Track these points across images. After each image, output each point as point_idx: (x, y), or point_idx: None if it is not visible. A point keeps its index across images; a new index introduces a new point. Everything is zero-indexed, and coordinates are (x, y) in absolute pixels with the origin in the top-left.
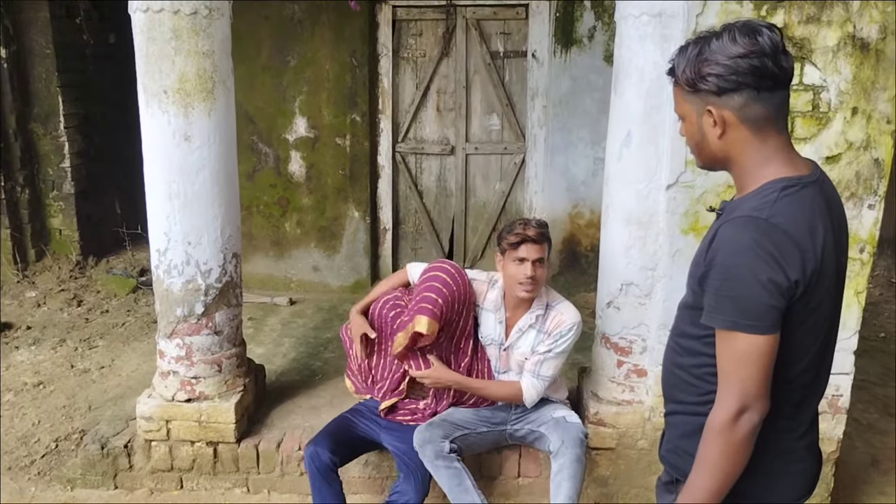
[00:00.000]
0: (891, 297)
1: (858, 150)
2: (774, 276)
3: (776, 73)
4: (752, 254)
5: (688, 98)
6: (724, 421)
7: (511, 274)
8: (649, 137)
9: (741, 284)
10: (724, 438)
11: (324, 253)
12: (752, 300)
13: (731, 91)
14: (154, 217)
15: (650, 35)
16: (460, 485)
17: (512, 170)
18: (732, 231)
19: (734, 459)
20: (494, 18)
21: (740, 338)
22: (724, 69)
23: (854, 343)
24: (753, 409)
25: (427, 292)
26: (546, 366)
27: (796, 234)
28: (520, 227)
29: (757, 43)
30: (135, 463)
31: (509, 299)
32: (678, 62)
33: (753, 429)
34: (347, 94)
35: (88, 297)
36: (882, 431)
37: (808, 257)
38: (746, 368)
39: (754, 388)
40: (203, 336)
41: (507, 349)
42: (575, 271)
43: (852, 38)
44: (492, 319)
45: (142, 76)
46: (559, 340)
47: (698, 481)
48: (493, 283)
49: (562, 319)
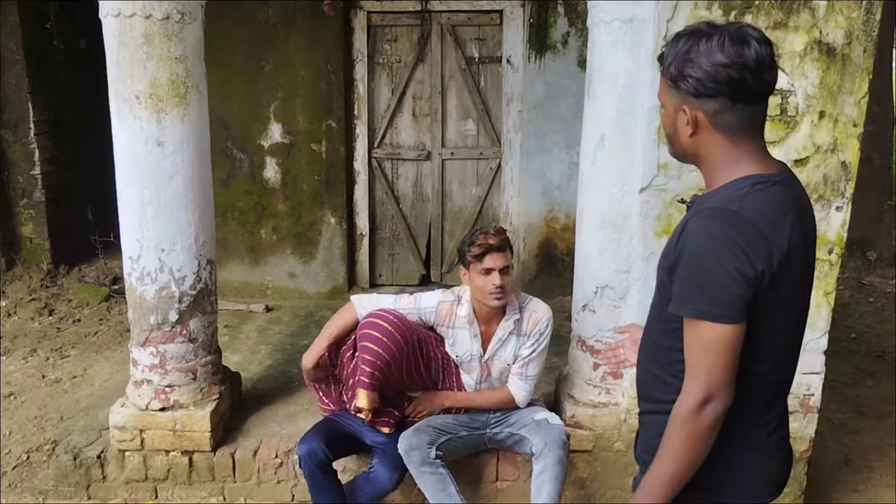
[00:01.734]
0: (861, 299)
1: (826, 153)
2: (741, 266)
3: (755, 88)
4: (720, 244)
5: (669, 91)
6: (688, 409)
7: (479, 286)
8: (622, 141)
9: (708, 274)
10: (689, 427)
11: (300, 259)
12: (719, 289)
13: (708, 96)
14: (126, 224)
15: (622, 40)
16: (444, 490)
17: (488, 175)
18: (702, 222)
19: (697, 447)
20: (469, 24)
21: (706, 326)
22: (705, 74)
23: (824, 343)
24: (718, 398)
25: (363, 363)
26: (532, 366)
27: (763, 226)
28: (480, 237)
29: (742, 55)
30: (108, 473)
31: (480, 311)
32: (668, 52)
33: (718, 418)
34: (323, 100)
35: (60, 307)
36: (854, 430)
37: (775, 249)
38: (712, 357)
39: (719, 378)
40: (177, 344)
41: (487, 360)
42: (551, 275)
43: (819, 43)
44: (466, 336)
45: (113, 81)
46: (539, 338)
47: (661, 467)
48: (460, 300)
49: (538, 317)
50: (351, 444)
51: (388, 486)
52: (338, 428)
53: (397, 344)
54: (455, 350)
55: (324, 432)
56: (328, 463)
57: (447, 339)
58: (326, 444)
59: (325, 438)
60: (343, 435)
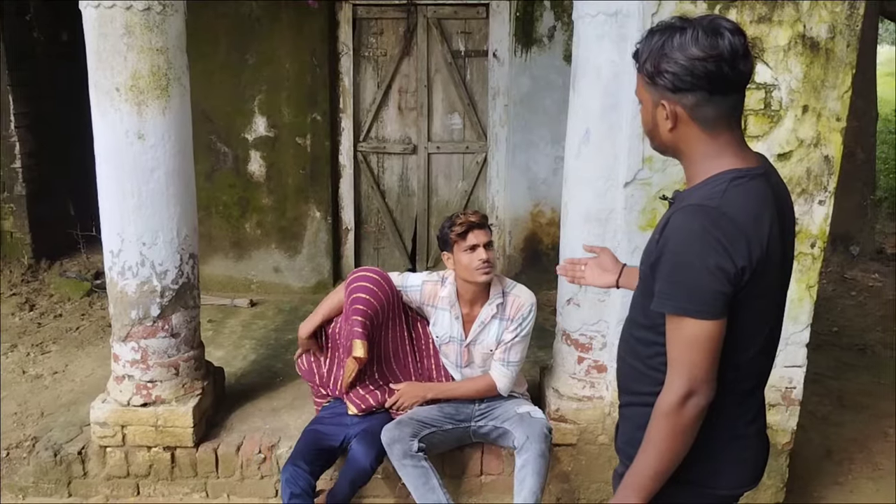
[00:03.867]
0: (843, 293)
1: (809, 147)
2: (722, 262)
3: (731, 79)
4: (701, 241)
5: (646, 87)
6: (671, 404)
7: (466, 264)
8: (607, 135)
9: (690, 271)
10: (671, 421)
11: (285, 254)
12: (701, 286)
13: (685, 90)
14: (107, 217)
15: (607, 34)
16: (427, 483)
17: (474, 169)
18: (683, 219)
19: (679, 442)
20: (455, 18)
21: (689, 323)
22: (681, 69)
23: (806, 336)
24: (700, 393)
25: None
26: (514, 351)
27: (743, 222)
28: (461, 217)
29: (717, 47)
30: (89, 470)
31: (464, 294)
32: (642, 49)
33: (699, 413)
34: (307, 93)
35: (41, 302)
36: (836, 423)
37: (755, 245)
38: (694, 353)
39: (702, 373)
40: (159, 339)
41: (468, 345)
42: (537, 269)
43: (802, 37)
44: (447, 317)
45: (93, 73)
46: (523, 323)
47: (644, 462)
48: (444, 281)
49: (521, 302)
50: (334, 456)
51: (365, 463)
52: (322, 443)
53: (385, 293)
54: (436, 330)
55: (309, 455)
56: (310, 493)
57: (430, 318)
58: (313, 471)
59: (310, 464)
60: (327, 451)
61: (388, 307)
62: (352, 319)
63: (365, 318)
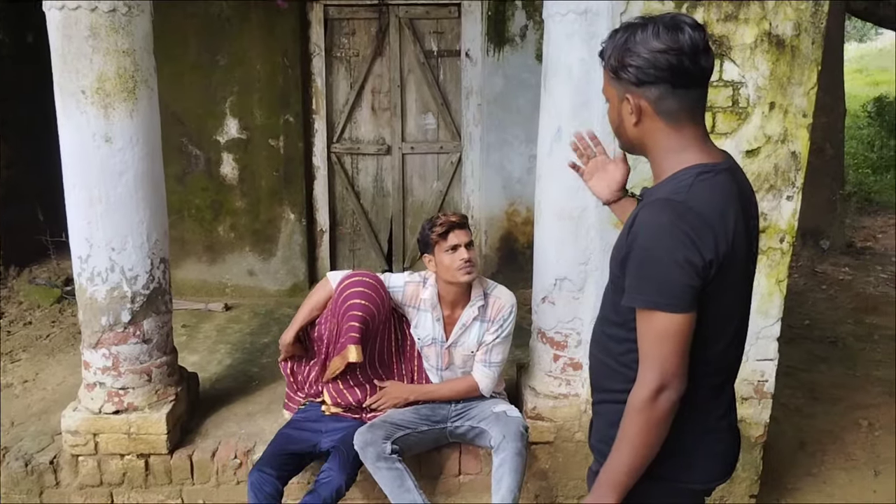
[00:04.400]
0: (814, 286)
1: (776, 143)
2: (690, 256)
3: (692, 72)
4: (669, 235)
5: (612, 83)
6: (643, 399)
7: (447, 265)
8: None
9: (659, 265)
10: (644, 416)
11: (259, 257)
12: (670, 280)
13: (649, 83)
14: (74, 223)
15: (577, 32)
16: (402, 486)
17: (448, 169)
18: (650, 214)
19: (652, 436)
20: (427, 18)
21: (659, 317)
22: (644, 62)
23: (777, 330)
24: (672, 387)
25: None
26: (495, 352)
27: (710, 216)
28: (441, 218)
29: (678, 41)
30: (61, 479)
31: (445, 296)
32: (607, 47)
33: (672, 407)
34: (279, 95)
35: (10, 309)
36: (808, 415)
37: (721, 238)
38: (665, 347)
39: (672, 367)
40: (130, 345)
41: (449, 347)
42: (512, 268)
43: (768, 35)
44: (429, 319)
45: (58, 76)
46: (504, 324)
47: (618, 458)
48: (425, 282)
49: (501, 304)
50: (306, 460)
51: (339, 481)
52: (293, 446)
53: (381, 297)
54: (417, 332)
55: (277, 458)
56: (277, 498)
57: (412, 320)
58: (281, 476)
59: (278, 468)
60: (298, 455)
61: (383, 311)
62: (349, 325)
63: (362, 323)
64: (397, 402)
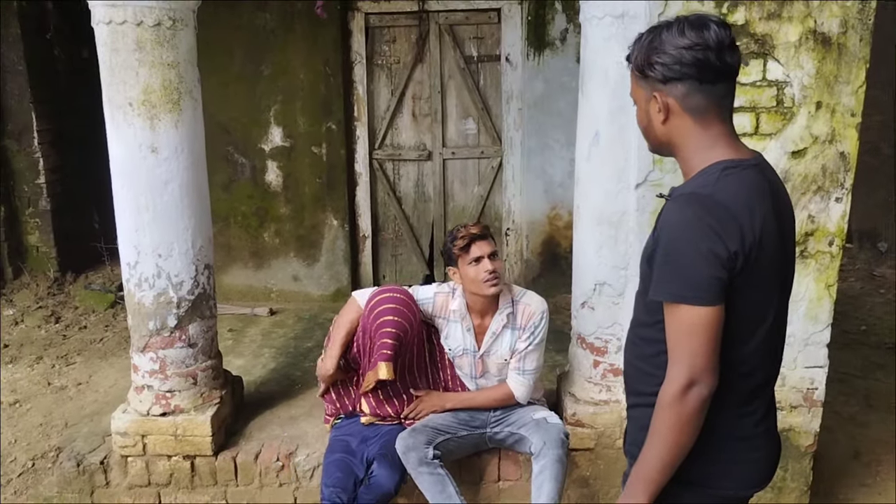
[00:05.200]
0: (872, 290)
1: (823, 143)
2: (715, 247)
3: (718, 67)
4: (693, 228)
5: (639, 83)
6: (673, 394)
7: (472, 277)
8: (617, 137)
9: (684, 257)
10: (674, 412)
11: (303, 262)
12: (695, 272)
13: (675, 80)
14: (123, 230)
15: (614, 36)
16: (443, 491)
17: (489, 173)
18: (675, 208)
19: (683, 433)
20: (467, 23)
21: (685, 310)
22: (670, 59)
23: (827, 336)
24: (702, 382)
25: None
26: (529, 360)
27: (735, 208)
28: (461, 230)
29: (702, 37)
30: (111, 479)
31: (474, 306)
32: (634, 49)
33: (703, 402)
34: (322, 103)
35: (66, 314)
36: (863, 424)
37: (747, 231)
38: (693, 341)
39: (702, 361)
40: (177, 349)
41: (482, 356)
42: (554, 273)
43: (814, 32)
44: (459, 329)
45: (106, 88)
46: (535, 331)
47: (648, 455)
48: (454, 293)
49: (532, 311)
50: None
51: (389, 487)
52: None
53: (412, 311)
54: (448, 343)
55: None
56: None
57: (442, 331)
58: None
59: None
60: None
61: (415, 325)
62: (381, 342)
63: (394, 339)
64: (434, 410)
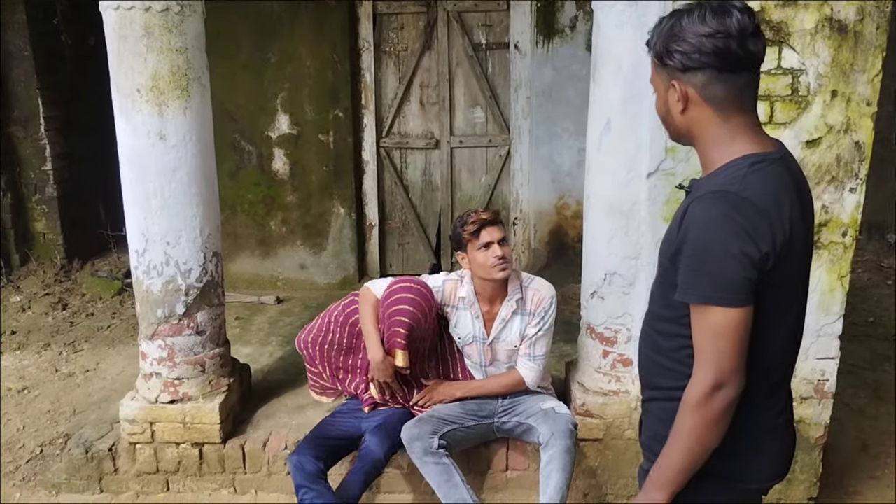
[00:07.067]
0: (880, 282)
1: (839, 133)
2: (746, 248)
3: (740, 56)
4: (722, 227)
5: (658, 71)
6: (699, 396)
7: (481, 262)
8: (628, 126)
9: (713, 258)
10: (700, 414)
11: (310, 250)
12: (725, 273)
13: (695, 69)
14: (132, 217)
15: (627, 22)
16: (449, 480)
17: (497, 162)
18: (703, 206)
19: (709, 435)
20: (475, 10)
21: (714, 311)
22: (690, 47)
23: (839, 327)
24: (729, 384)
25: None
26: (539, 345)
27: (765, 207)
28: (472, 215)
29: (724, 24)
30: (120, 466)
31: (482, 293)
32: (653, 35)
33: (729, 405)
34: (329, 90)
35: (73, 301)
36: (872, 416)
37: (778, 229)
38: (721, 343)
39: (730, 363)
40: (185, 336)
41: (492, 343)
42: (562, 262)
43: (830, 20)
44: (468, 316)
45: (114, 75)
46: (545, 316)
47: (670, 456)
48: (462, 280)
49: (541, 296)
50: (347, 448)
51: (379, 454)
52: (333, 432)
53: (428, 302)
54: (457, 332)
55: (316, 440)
56: (319, 476)
57: (451, 320)
58: (318, 455)
59: (316, 449)
60: (338, 439)
61: (430, 316)
62: (393, 330)
63: (406, 329)
64: (444, 399)
